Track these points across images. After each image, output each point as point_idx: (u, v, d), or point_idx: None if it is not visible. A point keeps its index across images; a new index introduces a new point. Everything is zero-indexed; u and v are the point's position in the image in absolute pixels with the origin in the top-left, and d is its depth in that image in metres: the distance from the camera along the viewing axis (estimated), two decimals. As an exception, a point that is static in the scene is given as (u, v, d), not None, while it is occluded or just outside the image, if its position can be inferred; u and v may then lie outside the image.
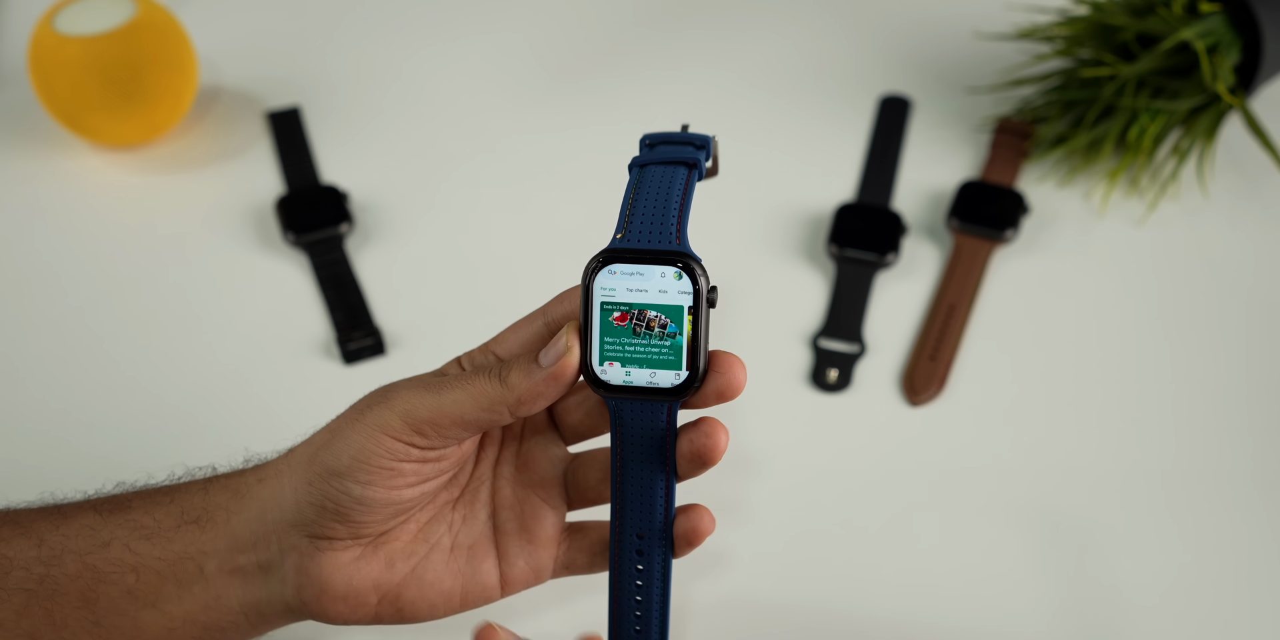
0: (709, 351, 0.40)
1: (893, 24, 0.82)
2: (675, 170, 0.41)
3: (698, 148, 0.42)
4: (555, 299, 0.44)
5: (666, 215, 0.40)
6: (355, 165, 0.72)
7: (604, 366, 0.40)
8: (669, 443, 0.41)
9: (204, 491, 0.44)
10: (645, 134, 0.43)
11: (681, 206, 0.40)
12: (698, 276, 0.39)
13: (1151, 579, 0.54)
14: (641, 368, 0.39)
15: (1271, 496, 0.57)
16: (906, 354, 0.63)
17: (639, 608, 0.43)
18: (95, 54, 0.66)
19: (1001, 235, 0.67)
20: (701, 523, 0.42)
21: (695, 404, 0.40)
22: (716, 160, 0.45)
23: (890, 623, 0.53)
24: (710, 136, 0.43)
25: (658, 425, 0.40)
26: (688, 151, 0.42)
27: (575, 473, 0.46)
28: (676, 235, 0.39)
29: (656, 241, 0.39)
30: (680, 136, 0.43)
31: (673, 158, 0.41)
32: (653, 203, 0.40)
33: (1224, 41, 0.66)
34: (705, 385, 0.40)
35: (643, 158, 0.42)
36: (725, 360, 0.40)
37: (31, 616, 0.42)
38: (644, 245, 0.39)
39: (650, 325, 0.39)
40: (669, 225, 0.40)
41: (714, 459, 0.41)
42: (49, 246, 0.68)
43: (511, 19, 0.82)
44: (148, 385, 0.62)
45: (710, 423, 0.41)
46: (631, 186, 0.41)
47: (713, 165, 0.45)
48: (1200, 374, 0.62)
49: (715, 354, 0.40)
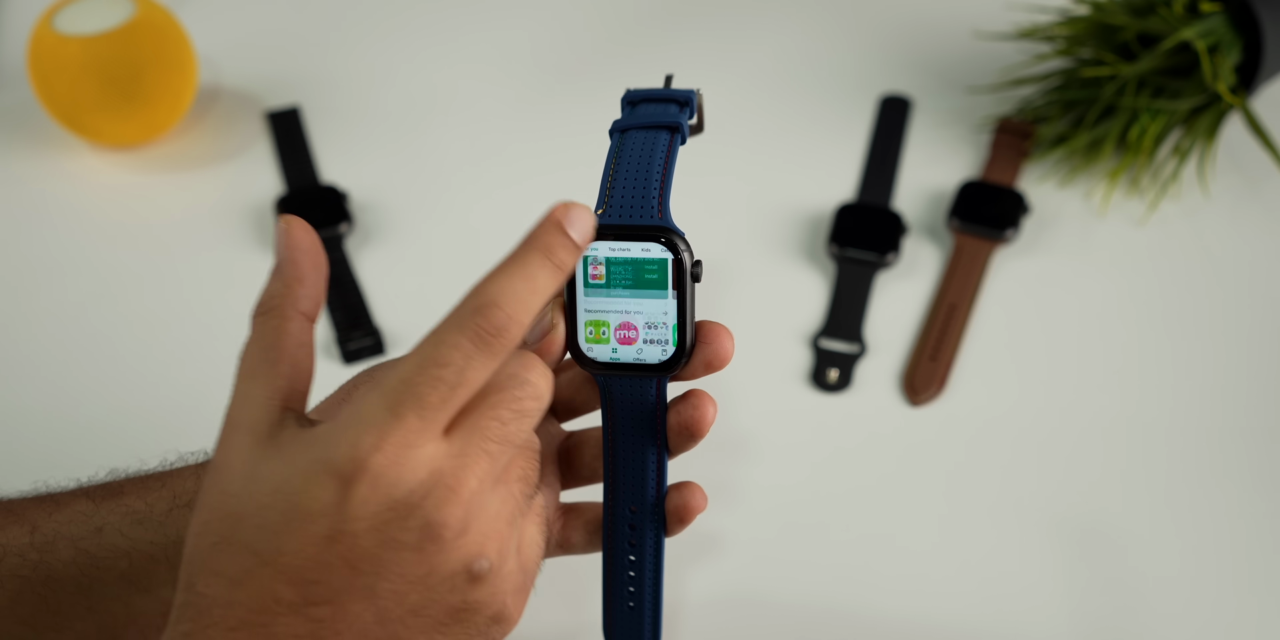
0: (695, 323, 0.40)
1: (893, 24, 0.82)
2: (656, 136, 0.40)
3: (681, 106, 0.41)
4: None
5: (648, 188, 0.39)
6: (355, 165, 0.72)
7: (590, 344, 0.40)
8: (659, 416, 0.41)
9: (196, 476, 0.44)
10: (627, 90, 0.42)
11: (663, 178, 0.39)
12: (681, 251, 0.38)
13: (1153, 578, 0.54)
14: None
15: (1272, 496, 0.57)
16: (907, 354, 0.63)
17: (632, 583, 0.43)
18: (95, 54, 0.66)
19: (1002, 235, 0.67)
20: (693, 498, 0.42)
21: (684, 376, 0.40)
22: (702, 116, 0.44)
23: (890, 622, 0.53)
24: (693, 91, 0.42)
25: (647, 399, 0.40)
26: (669, 112, 0.41)
27: (570, 451, 0.46)
28: (658, 209, 0.38)
29: (638, 216, 0.39)
30: (662, 93, 0.42)
31: (654, 121, 0.40)
32: (633, 175, 0.39)
33: (1225, 41, 0.66)
34: (693, 356, 0.40)
35: (623, 122, 0.41)
36: (712, 330, 0.40)
37: (26, 603, 0.42)
38: (625, 221, 0.39)
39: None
40: (650, 199, 0.39)
41: (702, 431, 0.41)
42: (49, 246, 0.68)
43: (512, 19, 0.82)
44: (147, 384, 0.61)
45: (698, 395, 0.41)
46: (611, 156, 0.40)
47: (697, 122, 0.44)
48: (1201, 374, 0.62)
49: (702, 324, 0.40)
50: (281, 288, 0.37)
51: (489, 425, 0.34)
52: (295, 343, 0.36)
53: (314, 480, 0.33)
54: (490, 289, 0.34)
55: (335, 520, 0.32)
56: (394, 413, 0.33)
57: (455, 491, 0.33)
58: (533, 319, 0.35)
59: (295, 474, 0.33)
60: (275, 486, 0.33)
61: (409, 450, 0.33)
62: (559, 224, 0.35)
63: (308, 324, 0.37)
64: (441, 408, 0.33)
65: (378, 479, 0.32)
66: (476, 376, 0.34)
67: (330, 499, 0.32)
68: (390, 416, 0.33)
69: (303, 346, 0.37)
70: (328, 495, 0.32)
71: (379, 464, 0.32)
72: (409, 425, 0.33)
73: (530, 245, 0.35)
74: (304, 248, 0.37)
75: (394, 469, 0.33)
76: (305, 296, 0.37)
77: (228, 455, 0.35)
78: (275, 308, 0.37)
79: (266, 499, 0.33)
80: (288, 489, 0.33)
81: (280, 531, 0.33)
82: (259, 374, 0.36)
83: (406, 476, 0.33)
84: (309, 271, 0.37)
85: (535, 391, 0.35)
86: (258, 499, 0.33)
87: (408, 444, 0.33)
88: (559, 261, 0.35)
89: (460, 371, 0.33)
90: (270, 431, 0.34)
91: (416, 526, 0.33)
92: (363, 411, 0.33)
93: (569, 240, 0.36)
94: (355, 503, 0.32)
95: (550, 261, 0.35)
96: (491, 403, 0.35)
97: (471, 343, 0.34)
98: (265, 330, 0.36)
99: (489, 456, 0.34)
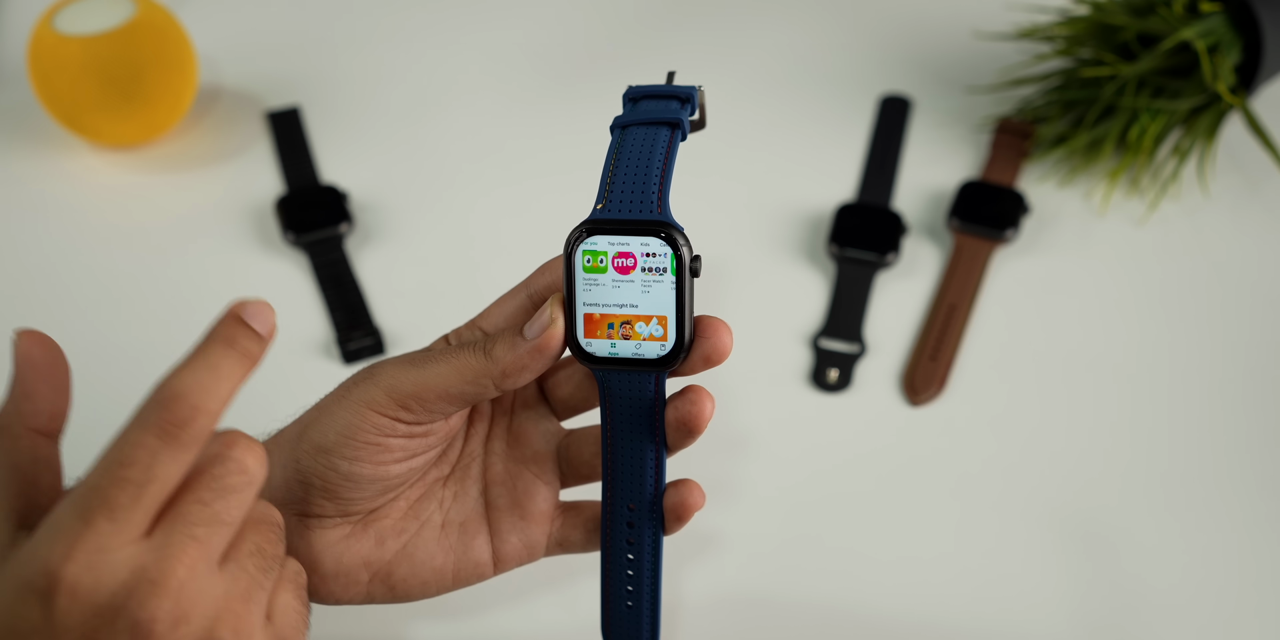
0: (694, 318, 0.40)
1: (893, 24, 0.82)
2: (657, 132, 0.40)
3: (682, 103, 0.41)
4: (537, 271, 0.43)
5: (648, 183, 0.39)
6: (355, 165, 0.72)
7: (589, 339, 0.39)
8: (658, 412, 0.41)
9: None
10: (629, 87, 0.42)
11: (663, 173, 0.39)
12: (680, 246, 0.38)
13: (1155, 577, 0.54)
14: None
15: (1273, 495, 0.57)
16: (907, 354, 0.63)
17: (631, 582, 0.43)
18: (95, 54, 0.66)
19: (1002, 235, 0.67)
20: (691, 496, 0.42)
21: (683, 371, 0.40)
22: (704, 112, 0.44)
23: (889, 621, 0.53)
24: (695, 88, 0.42)
25: (646, 395, 0.40)
26: (670, 109, 0.41)
27: (569, 448, 0.46)
28: (658, 204, 0.39)
29: (638, 211, 0.39)
30: (664, 90, 0.42)
31: (654, 118, 0.40)
32: (633, 170, 0.39)
33: (1224, 41, 0.66)
34: (692, 351, 0.40)
35: (624, 118, 0.41)
36: (711, 324, 0.40)
37: None
38: (625, 215, 0.39)
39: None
40: (650, 194, 0.39)
41: (700, 426, 0.41)
42: (49, 246, 0.68)
43: (512, 19, 0.82)
44: (147, 384, 0.61)
45: (696, 391, 0.41)
46: (612, 151, 0.40)
47: (699, 118, 0.44)
48: (1201, 374, 0.62)
49: (701, 319, 0.40)
50: (11, 405, 0.37)
51: (190, 509, 0.34)
52: (28, 461, 0.36)
53: (19, 601, 0.32)
54: (173, 383, 0.34)
55: (46, 637, 0.32)
56: (83, 519, 0.32)
57: (160, 585, 0.33)
58: (223, 407, 0.34)
59: (5, 596, 0.33)
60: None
61: (103, 555, 0.32)
62: (238, 317, 0.35)
63: (43, 440, 0.37)
64: (133, 507, 0.33)
65: (75, 588, 0.32)
66: (166, 471, 0.33)
67: (37, 617, 0.32)
68: (80, 523, 0.32)
69: (38, 462, 0.36)
70: (34, 614, 0.32)
71: (73, 573, 0.32)
72: (99, 529, 0.32)
73: (211, 338, 0.35)
74: (33, 362, 0.37)
75: (89, 575, 0.32)
76: (35, 412, 0.37)
77: None
78: (4, 427, 0.36)
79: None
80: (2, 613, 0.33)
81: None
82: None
83: (105, 581, 0.32)
84: (38, 386, 0.37)
85: (239, 466, 0.35)
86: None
87: (100, 548, 0.32)
88: (243, 350, 0.35)
89: (147, 468, 0.33)
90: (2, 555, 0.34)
91: (126, 627, 0.32)
92: (54, 522, 0.33)
93: (250, 331, 0.35)
94: (60, 615, 0.32)
95: (234, 350, 0.35)
96: (190, 487, 0.34)
97: (156, 438, 0.33)
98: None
99: (197, 541, 0.34)
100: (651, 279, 0.39)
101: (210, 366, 0.34)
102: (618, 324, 0.39)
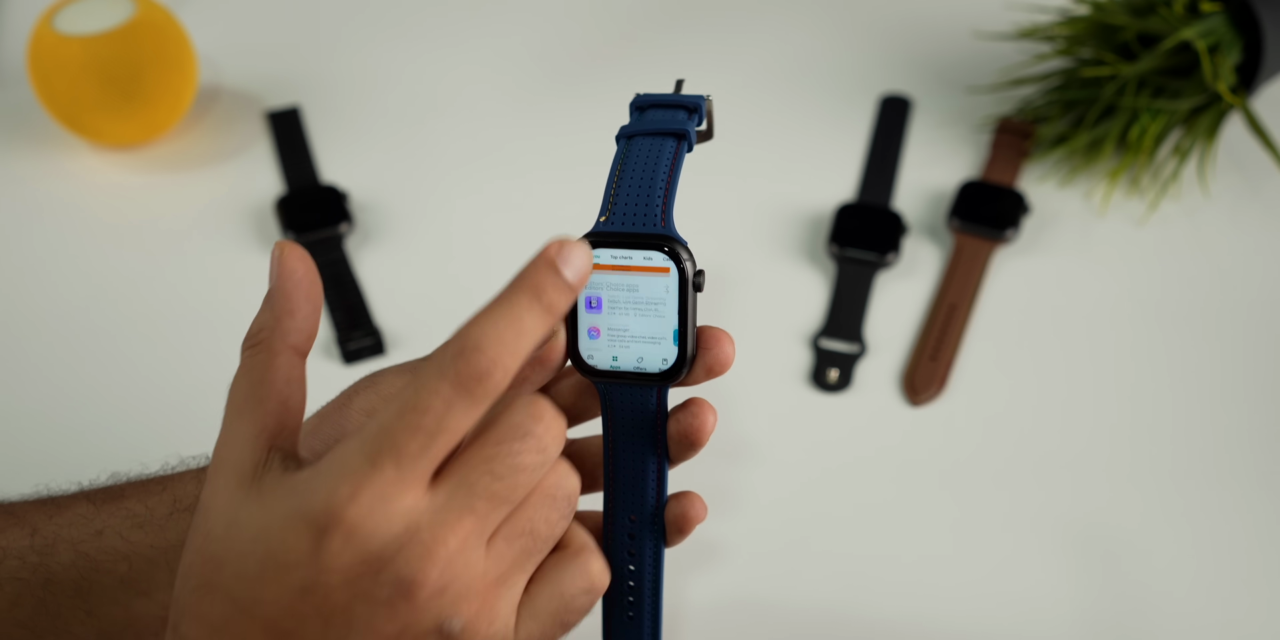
0: (696, 330, 0.39)
1: (893, 24, 0.82)
2: (663, 143, 0.39)
3: (690, 113, 0.41)
4: None
5: (651, 196, 0.38)
6: (355, 165, 0.72)
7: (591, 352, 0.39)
8: (660, 425, 0.40)
9: (197, 480, 0.44)
10: (636, 95, 0.42)
11: (667, 187, 0.38)
12: (683, 261, 0.38)
13: (1156, 577, 0.54)
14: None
15: (1273, 494, 0.57)
16: (907, 354, 0.63)
17: (631, 593, 0.43)
18: (95, 54, 0.66)
19: (1002, 235, 0.67)
20: (693, 509, 0.41)
21: (685, 381, 0.40)
22: (712, 122, 0.43)
23: (892, 626, 0.53)
24: (703, 97, 0.42)
25: (648, 408, 0.40)
26: (677, 119, 0.40)
27: (570, 459, 0.45)
28: (662, 218, 0.38)
29: (641, 224, 0.38)
30: (671, 99, 0.41)
31: (661, 128, 0.40)
32: (637, 182, 0.39)
33: (1225, 41, 0.66)
34: (694, 364, 0.39)
35: (630, 128, 0.40)
36: (713, 335, 0.39)
37: (25, 605, 0.42)
38: (628, 229, 0.38)
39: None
40: (654, 207, 0.38)
41: (702, 440, 0.40)
42: (49, 246, 0.68)
43: (512, 19, 0.82)
44: (147, 385, 0.61)
45: (698, 404, 0.40)
46: (617, 162, 0.39)
47: (707, 128, 0.43)
48: (1202, 373, 0.62)
49: (703, 329, 0.39)
50: (271, 320, 0.36)
51: (479, 480, 0.33)
52: (283, 379, 0.35)
53: (290, 530, 0.32)
54: (473, 332, 0.32)
55: (310, 572, 0.32)
56: (371, 461, 0.32)
57: (432, 550, 0.32)
58: (520, 364, 0.33)
59: (273, 522, 0.32)
60: (254, 534, 0.32)
61: (385, 502, 0.32)
62: (551, 262, 0.34)
63: (297, 359, 0.36)
64: (421, 456, 0.32)
65: (352, 531, 0.31)
66: (458, 424, 0.32)
67: (305, 550, 0.32)
68: (367, 465, 0.32)
69: (291, 382, 0.36)
70: (303, 546, 0.32)
71: (354, 515, 0.31)
72: (386, 475, 0.32)
73: (519, 285, 0.33)
74: (296, 277, 0.36)
75: (369, 521, 0.31)
76: (295, 329, 0.36)
77: (213, 496, 0.34)
78: (263, 342, 0.35)
79: (246, 546, 0.32)
80: (265, 538, 0.32)
81: (258, 581, 0.32)
82: (245, 412, 0.35)
83: (381, 530, 0.32)
84: (300, 303, 0.36)
85: (538, 444, 0.33)
86: (238, 546, 0.33)
87: (384, 496, 0.32)
88: (549, 303, 0.33)
89: (440, 418, 0.32)
90: (254, 474, 0.34)
91: (390, 581, 0.32)
92: (341, 459, 0.32)
93: (561, 280, 0.34)
94: (329, 555, 0.32)
95: (539, 303, 0.33)
96: (486, 456, 0.33)
97: (452, 388, 0.32)
98: (253, 365, 0.35)
99: (475, 515, 0.33)
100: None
101: (513, 319, 0.33)
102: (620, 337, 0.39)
